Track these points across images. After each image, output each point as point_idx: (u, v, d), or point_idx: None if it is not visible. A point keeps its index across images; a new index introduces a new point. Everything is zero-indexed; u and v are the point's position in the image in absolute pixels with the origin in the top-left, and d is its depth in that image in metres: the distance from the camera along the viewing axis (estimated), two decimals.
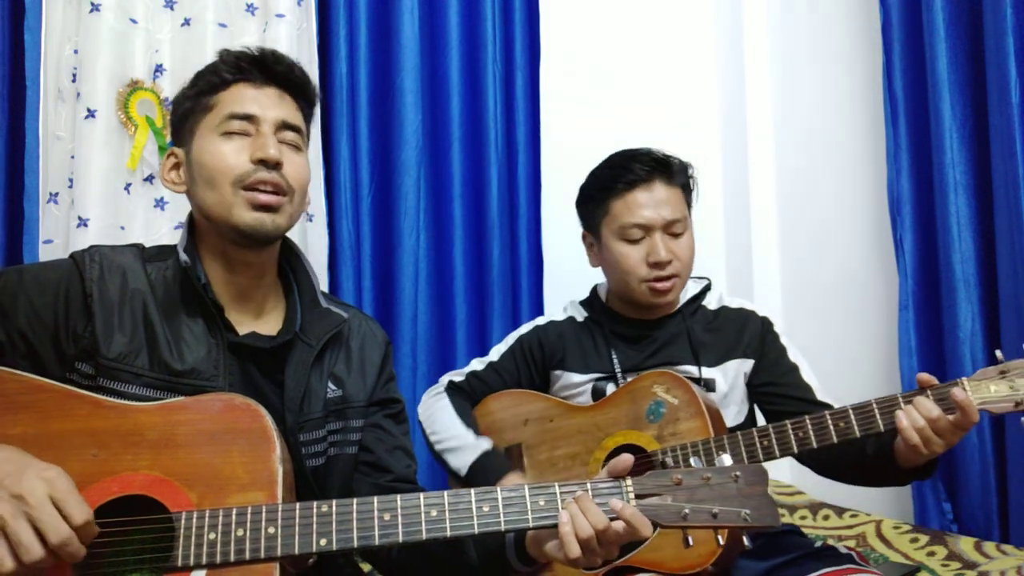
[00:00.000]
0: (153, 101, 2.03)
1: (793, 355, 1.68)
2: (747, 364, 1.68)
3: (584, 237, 1.79)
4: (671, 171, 1.67)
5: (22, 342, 1.15)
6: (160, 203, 2.03)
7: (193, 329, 1.21)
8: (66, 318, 1.16)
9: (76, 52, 1.99)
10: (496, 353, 1.81)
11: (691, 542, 1.08)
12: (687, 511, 1.04)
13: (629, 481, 1.06)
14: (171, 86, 2.06)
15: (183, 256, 1.22)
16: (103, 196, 1.95)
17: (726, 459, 1.07)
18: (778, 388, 1.66)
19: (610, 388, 1.67)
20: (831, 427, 1.42)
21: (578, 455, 1.63)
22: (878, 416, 1.39)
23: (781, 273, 2.66)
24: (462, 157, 2.36)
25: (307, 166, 1.30)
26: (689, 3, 2.81)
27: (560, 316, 1.81)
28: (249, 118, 1.23)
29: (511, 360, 1.79)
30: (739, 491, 1.04)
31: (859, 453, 1.51)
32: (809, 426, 1.44)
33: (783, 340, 1.70)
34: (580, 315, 1.79)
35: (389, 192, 2.27)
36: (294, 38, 2.12)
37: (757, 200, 2.66)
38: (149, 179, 2.03)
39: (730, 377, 1.67)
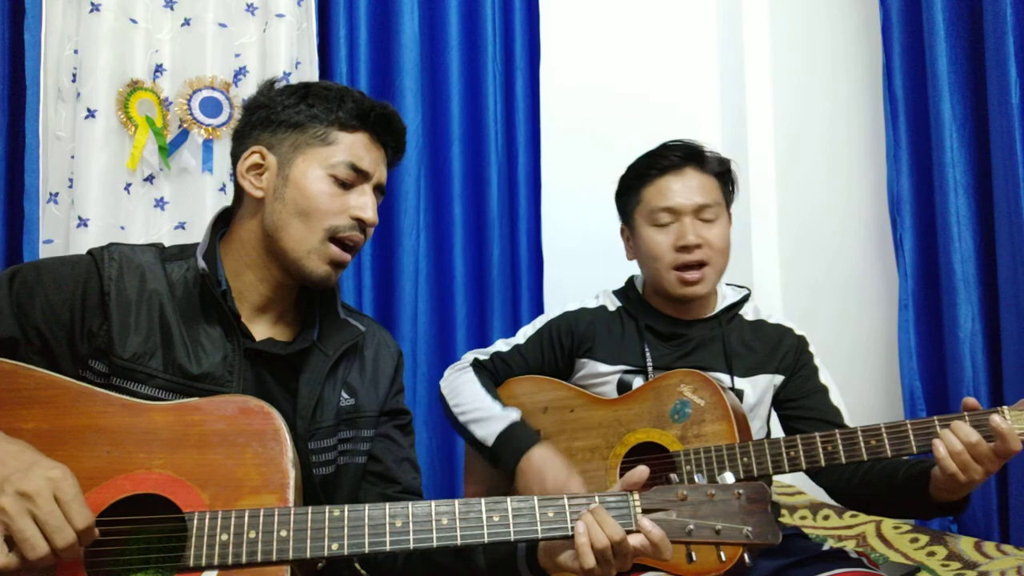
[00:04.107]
0: (153, 101, 2.03)
1: (824, 377, 1.65)
2: (777, 379, 1.66)
3: (622, 231, 1.77)
4: (704, 160, 1.66)
5: (37, 338, 1.15)
6: (160, 203, 2.03)
7: (211, 334, 1.20)
8: (82, 316, 1.16)
9: (76, 52, 1.99)
10: (523, 336, 1.77)
11: (694, 557, 1.10)
12: (691, 527, 1.05)
13: (636, 496, 1.07)
14: (171, 86, 2.06)
15: (200, 263, 1.20)
16: (103, 196, 1.95)
17: (728, 476, 1.09)
18: (803, 406, 1.63)
19: (637, 382, 1.63)
20: (861, 443, 1.37)
21: (598, 449, 1.61)
22: (912, 437, 1.34)
23: (781, 273, 2.66)
24: (462, 157, 2.36)
25: None
26: (690, 4, 2.81)
27: (592, 304, 1.77)
28: (363, 174, 1.24)
29: (538, 345, 1.75)
30: (741, 508, 1.05)
31: (887, 480, 1.46)
32: (839, 440, 1.39)
33: (816, 361, 1.67)
34: (613, 304, 1.75)
35: (389, 192, 2.27)
36: (294, 38, 2.12)
37: (757, 200, 2.66)
38: (149, 179, 2.03)
39: (759, 391, 1.64)
